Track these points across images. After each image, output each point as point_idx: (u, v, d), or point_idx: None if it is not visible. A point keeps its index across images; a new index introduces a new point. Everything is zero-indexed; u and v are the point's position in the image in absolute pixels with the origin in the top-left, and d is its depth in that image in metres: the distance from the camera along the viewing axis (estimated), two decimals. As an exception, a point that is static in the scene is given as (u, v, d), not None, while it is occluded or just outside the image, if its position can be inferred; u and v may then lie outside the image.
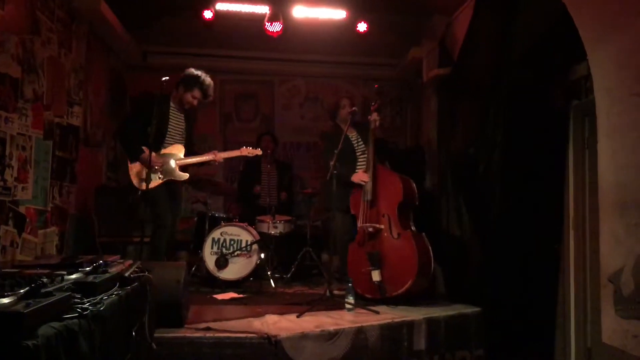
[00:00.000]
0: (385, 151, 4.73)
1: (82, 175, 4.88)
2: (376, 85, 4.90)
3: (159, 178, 4.03)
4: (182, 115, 4.25)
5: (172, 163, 4.11)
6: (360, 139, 4.66)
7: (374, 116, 4.43)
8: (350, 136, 4.64)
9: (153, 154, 3.85)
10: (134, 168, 3.98)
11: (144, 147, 3.94)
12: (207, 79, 4.16)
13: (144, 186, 3.83)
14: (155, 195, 4.00)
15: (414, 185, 4.29)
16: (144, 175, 3.84)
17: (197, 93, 4.12)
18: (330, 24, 5.57)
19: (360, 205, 4.27)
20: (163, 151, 4.09)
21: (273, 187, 5.78)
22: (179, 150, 4.18)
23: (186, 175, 4.20)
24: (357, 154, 4.63)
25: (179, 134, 4.23)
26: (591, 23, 3.06)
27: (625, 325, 2.63)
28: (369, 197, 4.21)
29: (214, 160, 4.26)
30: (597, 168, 3.03)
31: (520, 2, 3.98)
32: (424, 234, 4.13)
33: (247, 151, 4.43)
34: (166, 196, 4.10)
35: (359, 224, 4.24)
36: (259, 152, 4.52)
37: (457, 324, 3.68)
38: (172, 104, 4.14)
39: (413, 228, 4.18)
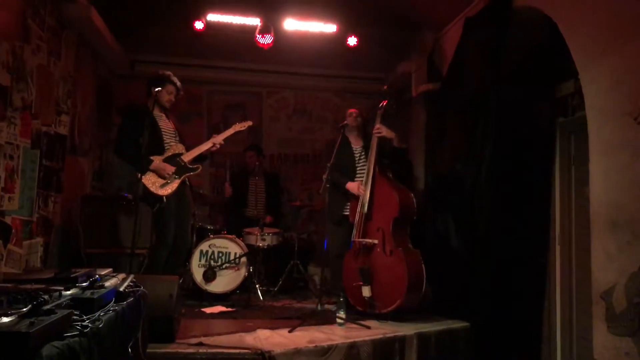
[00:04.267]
0: (392, 161, 4.53)
1: (68, 184, 4.79)
2: (385, 87, 4.79)
3: (176, 178, 4.10)
4: (166, 117, 4.34)
5: (180, 160, 4.20)
6: (363, 153, 4.53)
7: (377, 126, 4.36)
8: (355, 148, 4.61)
9: (161, 159, 4.09)
10: (150, 178, 4.02)
11: (152, 157, 4.04)
12: (171, 74, 4.33)
13: (167, 190, 4.02)
14: (164, 210, 4.05)
15: (413, 199, 4.20)
16: (162, 181, 4.04)
17: (170, 88, 4.26)
18: (320, 37, 5.59)
19: (356, 217, 4.22)
20: (166, 155, 4.17)
21: (261, 199, 5.76)
22: (180, 149, 4.26)
23: (199, 167, 4.28)
24: (357, 166, 4.53)
25: (173, 136, 4.32)
26: (583, 43, 3.13)
27: (617, 342, 2.67)
28: (365, 210, 4.17)
29: (215, 145, 4.33)
30: (589, 185, 3.07)
31: (508, 20, 4.05)
32: (418, 251, 4.07)
33: (240, 126, 4.50)
34: (174, 209, 4.13)
35: (354, 236, 4.19)
36: (249, 123, 4.57)
37: (446, 339, 3.71)
38: (154, 112, 4.18)
39: (409, 245, 4.11)
